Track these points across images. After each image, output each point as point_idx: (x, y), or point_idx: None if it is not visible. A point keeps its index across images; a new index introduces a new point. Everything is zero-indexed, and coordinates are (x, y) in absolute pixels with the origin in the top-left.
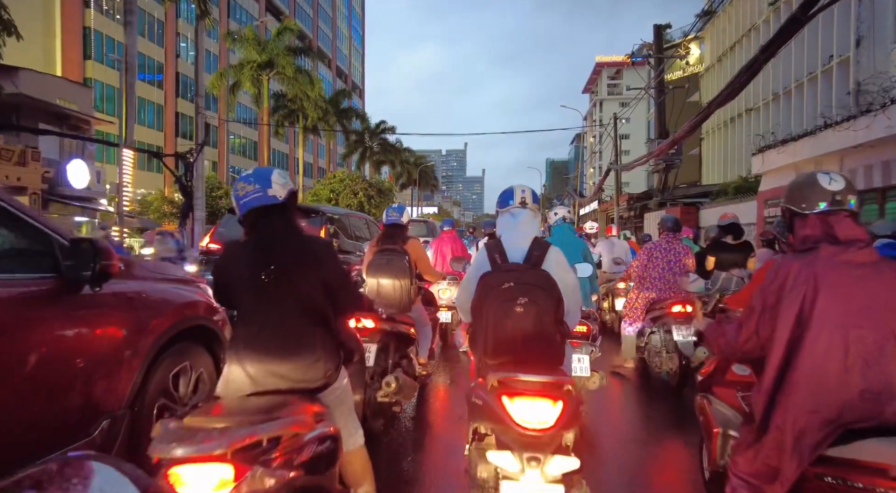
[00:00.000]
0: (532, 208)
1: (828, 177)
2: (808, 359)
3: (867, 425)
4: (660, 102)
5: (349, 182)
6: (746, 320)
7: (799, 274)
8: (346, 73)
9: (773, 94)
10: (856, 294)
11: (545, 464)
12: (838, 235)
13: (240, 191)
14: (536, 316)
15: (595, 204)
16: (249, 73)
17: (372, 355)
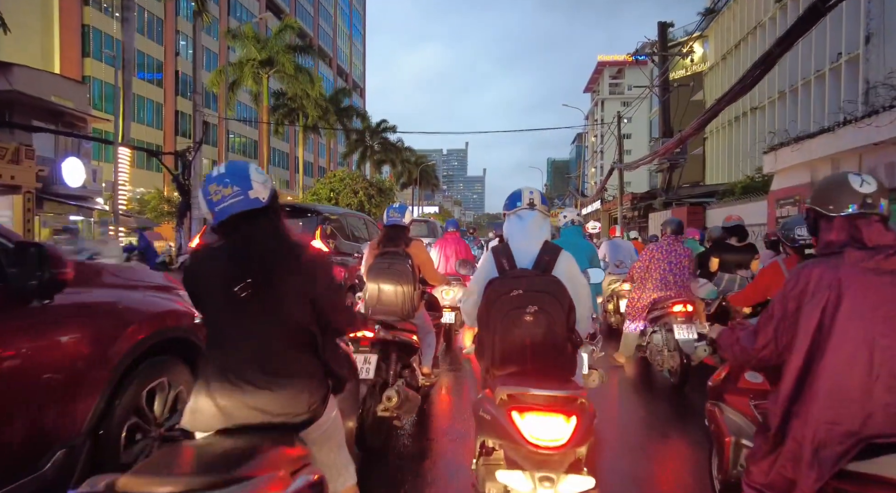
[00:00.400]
0: (541, 210)
1: (860, 178)
2: (829, 368)
3: (892, 440)
4: (664, 101)
5: (349, 181)
6: (764, 326)
7: (822, 279)
8: (347, 71)
9: (780, 92)
10: (883, 303)
11: (558, 484)
12: (866, 239)
13: (214, 195)
14: (547, 325)
15: (598, 204)
16: (249, 71)
17: (372, 367)
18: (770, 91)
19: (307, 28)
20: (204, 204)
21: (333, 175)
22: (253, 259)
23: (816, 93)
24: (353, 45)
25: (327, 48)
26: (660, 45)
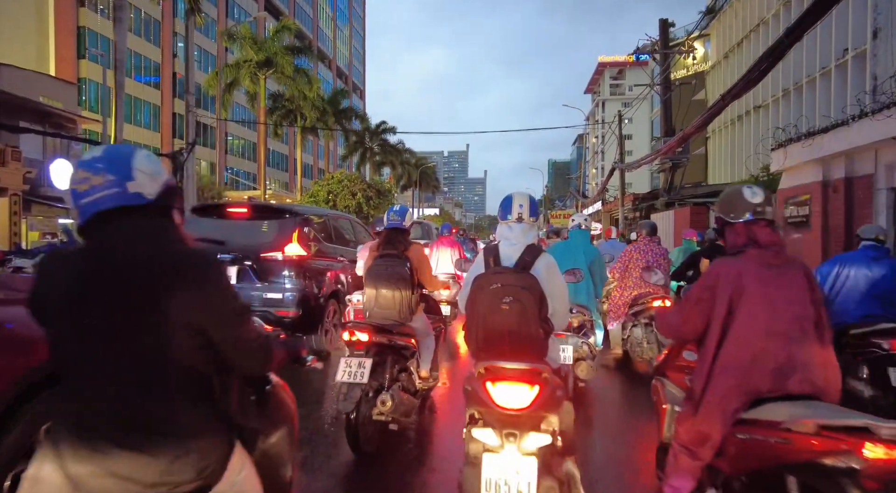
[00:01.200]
0: (528, 222)
1: (751, 191)
2: (734, 344)
3: (775, 394)
4: (666, 99)
5: (347, 183)
6: (684, 309)
7: (729, 273)
8: (347, 73)
9: (784, 90)
10: (771, 290)
11: (521, 440)
12: (760, 240)
13: (80, 184)
14: (520, 314)
15: (598, 205)
16: (247, 73)
17: (366, 371)
18: (774, 89)
19: (306, 30)
20: (69, 197)
21: (331, 177)
22: (113, 272)
23: (822, 90)
24: (353, 47)
25: (326, 50)
26: (661, 42)
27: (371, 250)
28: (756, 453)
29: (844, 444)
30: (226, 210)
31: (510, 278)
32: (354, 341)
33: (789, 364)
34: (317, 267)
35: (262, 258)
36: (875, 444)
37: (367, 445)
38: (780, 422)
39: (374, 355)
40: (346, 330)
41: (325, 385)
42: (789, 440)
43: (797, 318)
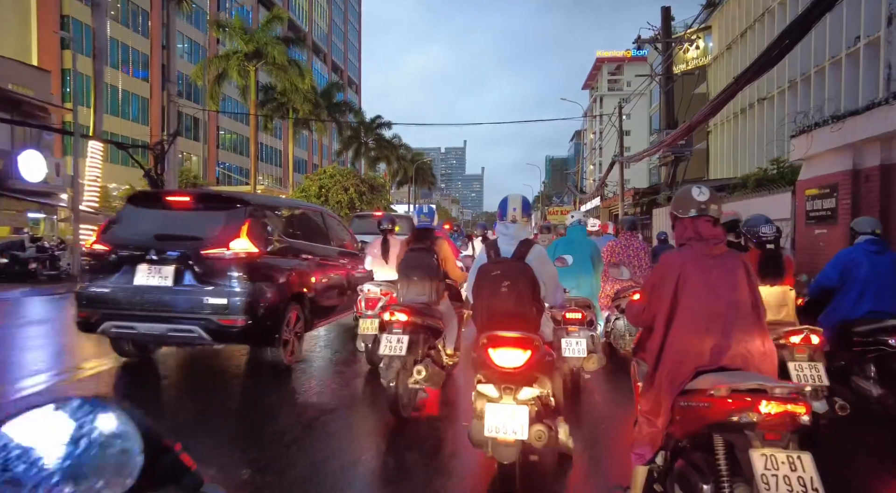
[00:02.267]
0: (521, 221)
1: (698, 190)
2: (679, 325)
3: (711, 368)
4: (668, 90)
5: (340, 178)
6: (642, 297)
7: (675, 263)
8: (342, 68)
9: (790, 81)
10: (710, 278)
11: (517, 393)
12: (703, 234)
13: None
14: (517, 295)
15: (597, 200)
16: (235, 64)
17: (404, 346)
18: (780, 80)
19: (300, 23)
20: None
21: (323, 171)
22: None
23: (832, 80)
24: (349, 42)
25: (321, 44)
26: (663, 31)
27: (403, 245)
28: (692, 417)
29: (747, 402)
30: (165, 199)
31: (508, 267)
32: (394, 321)
33: (726, 342)
34: (274, 266)
35: (202, 256)
36: (769, 401)
37: (404, 409)
38: (707, 389)
39: (409, 333)
40: (387, 311)
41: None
42: (711, 404)
43: (734, 302)
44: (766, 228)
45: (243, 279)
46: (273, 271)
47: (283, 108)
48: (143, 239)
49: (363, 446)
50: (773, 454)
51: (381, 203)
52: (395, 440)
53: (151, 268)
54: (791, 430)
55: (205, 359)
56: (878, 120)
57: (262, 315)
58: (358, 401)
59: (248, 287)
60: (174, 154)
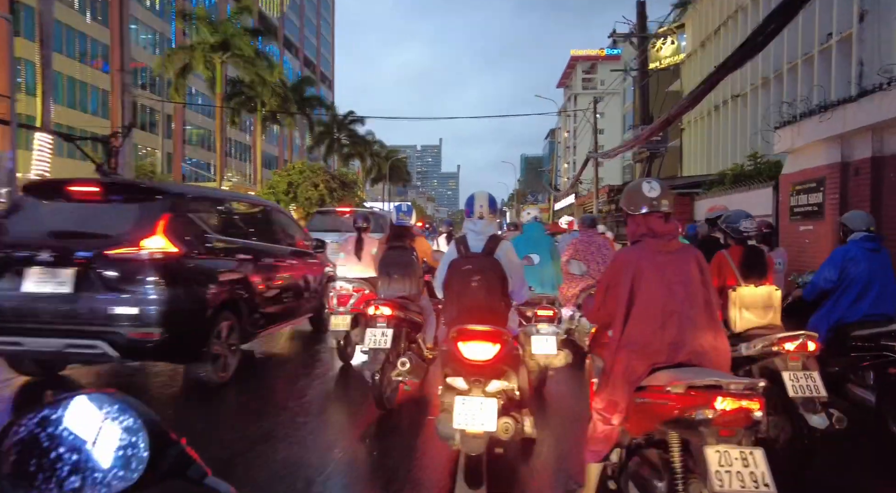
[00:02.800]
0: (488, 217)
1: (649, 185)
2: (634, 322)
3: (668, 365)
4: (643, 86)
5: (309, 174)
6: (598, 295)
7: (629, 260)
8: (315, 63)
9: (763, 78)
10: (665, 274)
11: (485, 385)
12: (655, 230)
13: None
14: (486, 289)
15: (572, 198)
16: (201, 55)
17: (388, 339)
18: (753, 77)
19: (271, 16)
20: None
21: (292, 167)
22: None
23: (805, 77)
24: (322, 37)
25: (294, 38)
26: (638, 25)
27: (381, 243)
28: (648, 414)
29: (703, 399)
30: (67, 190)
31: (478, 262)
32: (378, 315)
33: (681, 338)
34: (200, 269)
35: (109, 257)
36: (724, 397)
37: (388, 402)
38: (663, 386)
39: (393, 326)
40: (371, 305)
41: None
42: (667, 400)
43: (688, 298)
44: (747, 223)
45: (159, 284)
46: (198, 274)
47: (252, 102)
48: (37, 237)
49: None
50: (727, 450)
51: (352, 200)
52: (367, 435)
53: (45, 272)
54: (745, 426)
55: None
56: (870, 109)
57: (182, 326)
58: (331, 397)
59: (165, 293)
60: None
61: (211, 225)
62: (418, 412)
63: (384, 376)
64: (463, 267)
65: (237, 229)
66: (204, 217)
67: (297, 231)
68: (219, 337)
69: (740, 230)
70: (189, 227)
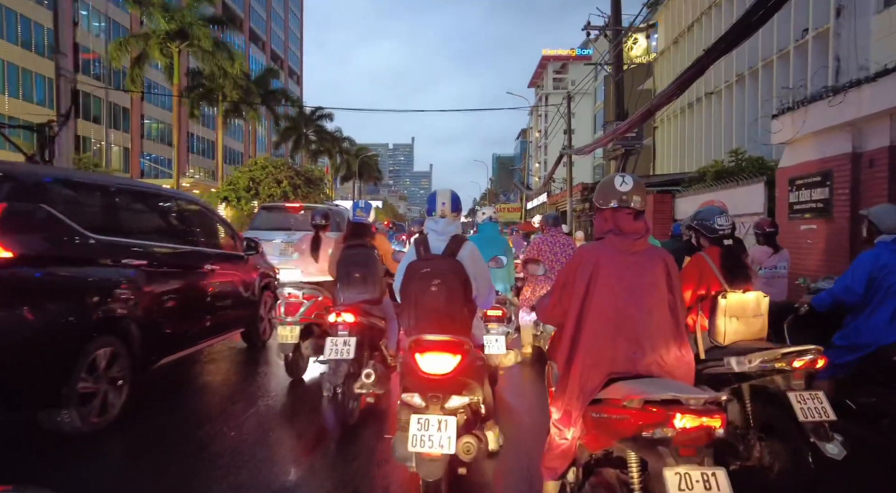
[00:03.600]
0: (450, 216)
1: (622, 179)
2: (590, 326)
3: (626, 375)
4: (618, 80)
5: (272, 170)
6: (552, 293)
7: (588, 257)
8: (282, 57)
9: (738, 74)
10: (626, 275)
11: (444, 401)
12: (622, 227)
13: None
14: (447, 294)
15: (544, 197)
16: (156, 44)
17: (352, 348)
18: (727, 74)
19: (237, 8)
20: None
21: (254, 163)
22: None
23: (780, 74)
24: (290, 31)
25: (260, 32)
26: (613, 17)
27: (338, 242)
28: (605, 429)
29: (661, 416)
30: None
31: (438, 264)
32: (339, 322)
33: (641, 347)
34: (58, 279)
35: None
36: (684, 414)
37: (350, 417)
38: (619, 400)
39: (356, 334)
40: (333, 312)
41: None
42: (624, 416)
43: (652, 303)
44: (722, 220)
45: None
46: (54, 286)
47: (213, 94)
48: None
49: (282, 470)
50: (687, 471)
51: (318, 198)
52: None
53: None
54: (706, 444)
55: None
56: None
57: (21, 362)
58: (279, 419)
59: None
60: (67, 138)
61: (85, 221)
62: (382, 428)
63: (346, 388)
64: (422, 270)
65: (131, 227)
66: (72, 210)
67: (224, 230)
68: (92, 370)
69: (715, 228)
70: (42, 222)
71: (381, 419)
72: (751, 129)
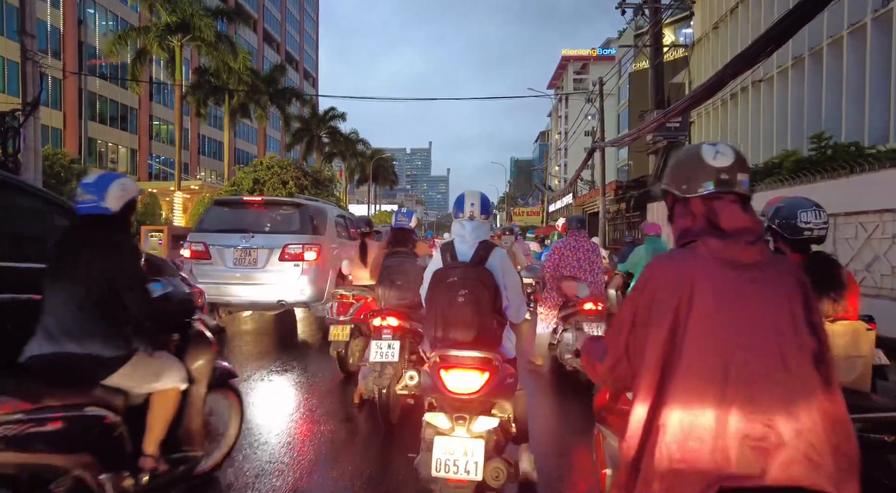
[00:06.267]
0: (479, 219)
1: (714, 149)
2: (679, 391)
3: (749, 483)
4: (657, 64)
5: (278, 170)
6: (613, 339)
7: (672, 277)
8: (297, 58)
9: (794, 57)
10: (741, 303)
11: (471, 423)
12: (723, 224)
13: (79, 197)
14: (475, 305)
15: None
16: (155, 37)
17: (395, 352)
18: (780, 58)
19: (250, 8)
20: None
21: (259, 163)
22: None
23: (851, 53)
24: (305, 33)
25: (275, 33)
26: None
27: (381, 249)
28: None
29: None
30: None
31: (466, 272)
32: (384, 326)
33: (773, 427)
34: None
35: None
36: None
37: (394, 416)
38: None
39: (399, 338)
40: (378, 316)
41: None
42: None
43: (783, 350)
44: (810, 215)
45: None
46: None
47: (220, 92)
48: None
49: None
50: None
51: (328, 199)
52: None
53: None
54: None
55: None
56: None
57: None
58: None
59: None
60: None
61: None
62: None
63: (388, 390)
64: (448, 279)
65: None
66: None
67: None
68: None
69: (799, 227)
70: None
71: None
72: (831, 110)
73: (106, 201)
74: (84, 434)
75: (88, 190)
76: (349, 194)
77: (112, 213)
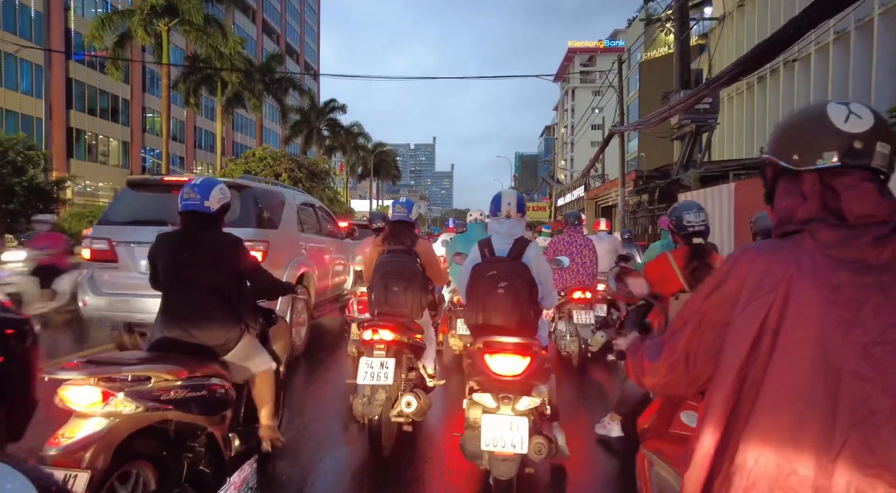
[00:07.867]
0: (515, 217)
1: (846, 110)
2: (764, 426)
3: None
4: (683, 39)
5: (270, 161)
6: (672, 338)
7: (766, 274)
8: (298, 51)
9: (819, 43)
10: (860, 318)
11: (515, 402)
12: (846, 209)
13: (185, 195)
14: (514, 297)
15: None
16: (140, 20)
17: (390, 371)
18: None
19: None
20: None
21: (252, 154)
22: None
23: (883, 34)
24: (306, 25)
25: (274, 23)
26: None
27: (375, 245)
28: None
29: None
30: None
31: (504, 267)
32: (376, 340)
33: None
34: None
35: None
36: None
37: (387, 447)
38: None
39: (394, 355)
40: (369, 328)
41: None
42: None
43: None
44: (691, 216)
45: None
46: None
47: (211, 81)
48: None
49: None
50: None
51: (324, 193)
52: None
53: None
54: None
55: None
56: None
57: None
58: None
59: None
60: None
61: None
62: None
63: (382, 416)
64: (488, 273)
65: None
66: None
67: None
68: None
69: (683, 225)
70: None
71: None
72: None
73: (208, 201)
74: (217, 400)
75: (194, 190)
76: (351, 190)
77: (212, 212)
